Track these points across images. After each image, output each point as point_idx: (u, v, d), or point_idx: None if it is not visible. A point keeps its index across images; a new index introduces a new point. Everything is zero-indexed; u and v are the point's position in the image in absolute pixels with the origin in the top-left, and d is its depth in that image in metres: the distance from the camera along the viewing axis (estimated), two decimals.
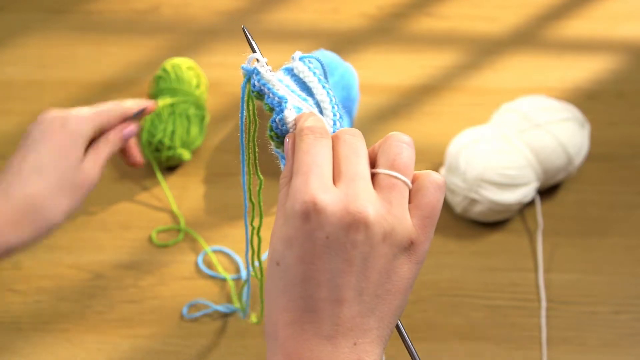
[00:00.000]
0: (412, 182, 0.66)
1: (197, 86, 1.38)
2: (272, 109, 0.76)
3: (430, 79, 1.50)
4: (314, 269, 0.62)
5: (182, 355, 1.19)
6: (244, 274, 1.26)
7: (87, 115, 1.00)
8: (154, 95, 1.38)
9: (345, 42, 1.56)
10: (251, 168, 0.85)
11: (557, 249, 1.28)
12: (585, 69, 1.51)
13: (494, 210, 1.27)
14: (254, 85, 0.78)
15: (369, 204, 0.62)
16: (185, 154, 1.34)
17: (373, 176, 0.65)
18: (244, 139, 0.83)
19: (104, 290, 1.25)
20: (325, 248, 0.61)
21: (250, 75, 0.78)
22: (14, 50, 1.56)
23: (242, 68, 0.78)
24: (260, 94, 0.78)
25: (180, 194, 1.35)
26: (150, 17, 1.60)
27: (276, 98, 0.76)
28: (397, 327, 0.68)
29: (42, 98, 1.48)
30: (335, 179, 0.64)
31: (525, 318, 1.22)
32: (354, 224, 0.61)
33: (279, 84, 0.77)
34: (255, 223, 0.91)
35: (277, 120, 0.75)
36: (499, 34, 1.58)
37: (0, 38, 1.59)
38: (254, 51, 0.80)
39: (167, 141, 1.32)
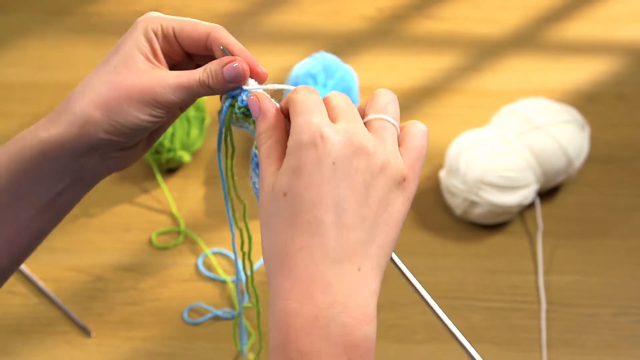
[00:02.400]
0: (401, 128, 0.73)
1: None
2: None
3: (430, 81, 1.50)
4: (322, 194, 0.66)
5: (182, 358, 1.19)
6: (243, 276, 1.25)
7: (159, 16, 0.82)
8: None
9: (345, 44, 1.56)
10: (232, 194, 0.85)
11: (557, 251, 1.28)
12: (585, 71, 1.51)
13: (494, 213, 1.27)
14: (243, 101, 0.77)
15: (368, 137, 0.68)
16: (185, 156, 1.34)
17: (365, 123, 0.70)
18: (222, 166, 0.84)
19: (103, 292, 1.25)
20: (332, 173, 0.66)
21: (235, 95, 0.77)
22: (13, 52, 1.56)
23: (228, 94, 0.78)
24: (248, 110, 0.77)
25: (180, 196, 1.35)
26: None
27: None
28: (393, 260, 0.73)
29: (42, 100, 1.48)
30: (332, 122, 0.69)
31: (525, 320, 1.21)
32: (357, 152, 0.67)
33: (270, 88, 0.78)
34: (245, 248, 0.92)
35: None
36: (499, 36, 1.58)
37: (1, 40, 1.59)
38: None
39: (167, 143, 1.32)
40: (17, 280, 1.25)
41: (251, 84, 0.78)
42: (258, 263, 1.27)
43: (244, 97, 0.77)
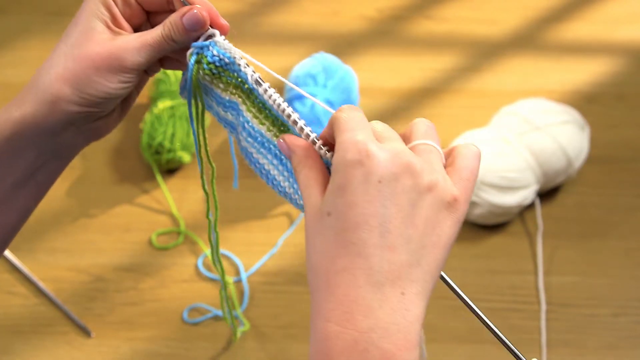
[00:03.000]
0: (448, 154, 0.71)
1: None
2: (237, 80, 0.76)
3: (430, 81, 1.50)
4: (366, 213, 0.64)
5: (181, 358, 1.19)
6: (244, 276, 1.25)
7: None
8: (154, 98, 1.38)
9: (345, 45, 1.56)
10: (203, 155, 0.84)
11: (557, 252, 1.28)
12: (585, 72, 1.51)
13: (494, 213, 1.27)
14: (212, 56, 0.76)
15: (414, 156, 0.66)
16: (185, 157, 1.34)
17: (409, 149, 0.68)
18: (194, 126, 0.84)
19: (103, 292, 1.25)
20: (377, 192, 0.64)
21: (202, 48, 0.76)
22: (14, 52, 1.56)
23: (193, 45, 0.77)
24: (216, 67, 0.76)
25: (180, 197, 1.35)
26: None
27: (239, 64, 0.75)
28: (442, 277, 0.73)
29: None
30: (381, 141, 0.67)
31: (525, 321, 1.21)
32: (404, 170, 0.65)
33: (239, 51, 0.76)
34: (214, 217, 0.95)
35: (230, 56, 0.75)
36: (499, 36, 1.58)
37: (1, 41, 1.59)
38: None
39: (167, 144, 1.32)
40: (17, 280, 1.26)
41: (218, 38, 0.77)
42: (258, 264, 1.27)
43: (214, 52, 0.76)
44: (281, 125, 0.75)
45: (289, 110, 0.74)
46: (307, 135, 0.72)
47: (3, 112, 0.77)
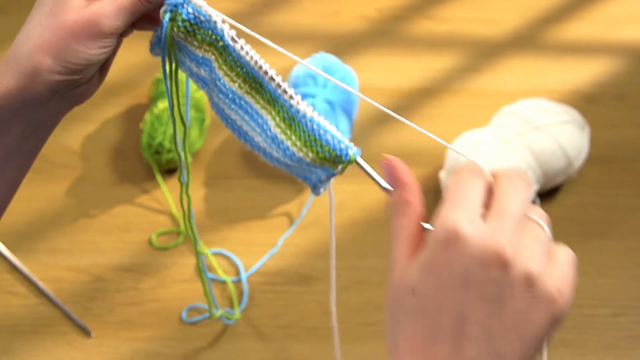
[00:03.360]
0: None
1: (197, 89, 1.38)
2: (211, 38, 0.77)
3: (430, 81, 1.51)
4: (448, 300, 0.60)
5: (181, 358, 1.19)
6: (244, 276, 1.26)
7: None
8: (154, 98, 1.38)
9: (345, 45, 1.56)
10: (176, 114, 0.85)
11: None
12: (585, 72, 1.51)
13: None
14: (187, 14, 0.77)
15: (513, 243, 0.60)
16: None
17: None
18: (168, 84, 0.83)
19: (103, 292, 1.25)
20: (461, 280, 0.60)
21: (176, 5, 0.77)
22: None
23: (167, 3, 0.77)
24: (190, 25, 0.77)
25: (180, 197, 1.35)
26: None
27: (215, 21, 0.77)
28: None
29: None
30: (486, 215, 0.62)
31: None
32: (493, 260, 0.59)
33: (213, 9, 0.78)
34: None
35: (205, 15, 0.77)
36: (499, 36, 1.58)
37: (2, 41, 1.59)
38: None
39: (167, 144, 1.32)
40: (17, 280, 1.26)
41: None
42: (258, 264, 1.27)
43: (189, 10, 0.77)
44: (253, 82, 0.77)
45: (266, 67, 0.76)
46: (285, 92, 0.75)
47: None
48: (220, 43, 0.77)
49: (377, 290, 1.24)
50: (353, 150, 0.75)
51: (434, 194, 1.33)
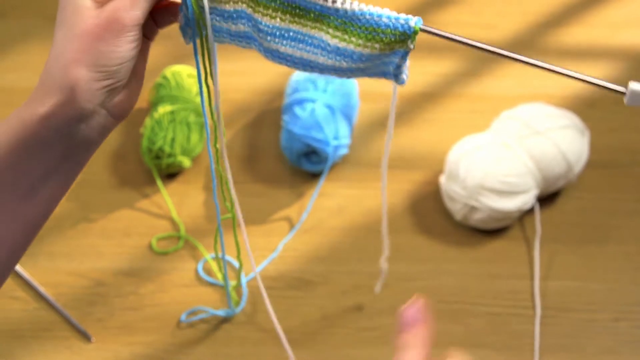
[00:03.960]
0: None
1: (198, 94, 1.38)
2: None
3: (430, 86, 1.51)
4: None
5: None
6: (244, 281, 1.26)
7: None
8: (154, 103, 1.38)
9: None
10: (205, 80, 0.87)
11: (557, 256, 1.28)
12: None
13: (494, 218, 1.27)
14: None
15: None
16: (186, 161, 1.35)
17: None
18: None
19: (104, 297, 1.25)
20: None
21: None
22: (15, 57, 1.57)
23: None
24: None
25: (180, 201, 1.35)
26: None
27: None
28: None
29: None
30: None
31: (524, 325, 1.22)
32: None
33: None
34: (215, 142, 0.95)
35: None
36: (499, 41, 1.58)
37: (2, 45, 1.59)
38: None
39: (167, 148, 1.32)
40: (17, 285, 1.26)
41: None
42: (258, 269, 1.27)
43: None
44: (291, 9, 0.77)
45: None
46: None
47: (24, 109, 0.77)
48: None
49: (377, 295, 1.24)
50: (414, 21, 0.76)
51: (433, 199, 1.33)
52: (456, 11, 1.62)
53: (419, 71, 1.53)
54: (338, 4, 0.76)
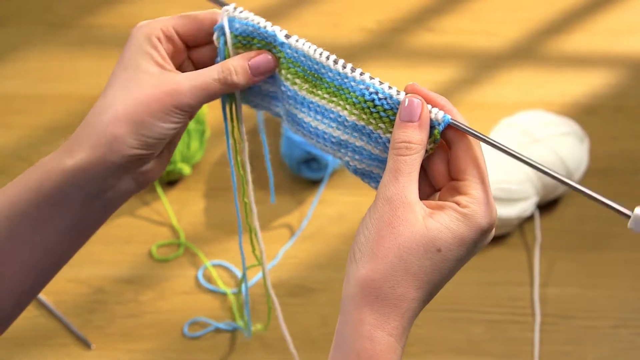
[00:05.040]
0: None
1: None
2: (266, 46, 0.79)
3: None
4: (457, 269, 0.73)
5: None
6: (244, 287, 1.25)
7: (153, 21, 0.82)
8: None
9: (345, 57, 1.54)
10: (234, 129, 0.87)
11: (557, 263, 1.28)
12: (585, 84, 1.51)
13: None
14: (237, 29, 0.78)
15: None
16: (186, 169, 1.35)
17: None
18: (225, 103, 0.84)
19: (104, 304, 1.25)
20: (472, 256, 0.74)
21: (225, 25, 0.78)
22: (14, 64, 1.57)
23: (216, 28, 0.78)
24: (244, 37, 0.78)
25: (180, 209, 1.35)
26: None
27: (264, 26, 0.79)
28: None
29: (42, 112, 1.48)
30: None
31: (523, 332, 1.21)
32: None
33: (257, 17, 0.79)
34: (245, 196, 0.97)
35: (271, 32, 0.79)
36: (499, 48, 1.58)
37: (1, 52, 1.59)
38: (221, 4, 0.80)
39: None
40: None
41: (234, 12, 0.79)
42: (258, 275, 1.27)
43: (236, 25, 0.78)
44: (312, 78, 0.77)
45: (326, 52, 0.79)
46: (352, 70, 0.78)
47: (51, 160, 0.76)
48: (275, 47, 0.78)
49: None
50: (441, 114, 0.75)
51: None
52: (456, 18, 1.63)
53: (418, 79, 1.51)
54: (366, 76, 0.78)
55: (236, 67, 0.78)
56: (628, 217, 0.75)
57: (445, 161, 0.76)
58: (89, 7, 1.66)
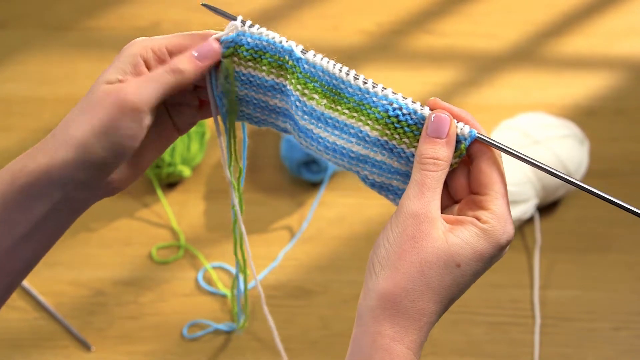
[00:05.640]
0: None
1: None
2: (278, 60, 0.76)
3: (429, 95, 1.49)
4: (473, 282, 0.74)
5: None
6: (239, 284, 1.25)
7: (145, 40, 0.83)
8: None
9: (345, 59, 1.54)
10: (232, 157, 0.85)
11: (557, 265, 1.28)
12: (584, 86, 1.51)
13: None
14: (249, 42, 0.76)
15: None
16: (186, 171, 1.35)
17: None
18: (227, 128, 0.82)
19: (104, 306, 1.25)
20: (487, 269, 0.75)
21: (234, 42, 0.76)
22: (14, 66, 1.57)
23: (224, 40, 0.76)
24: (256, 51, 0.76)
25: (180, 211, 1.35)
26: (150, 33, 1.59)
27: (280, 41, 0.76)
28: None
29: (42, 114, 1.48)
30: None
31: (524, 334, 1.21)
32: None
33: (271, 32, 0.77)
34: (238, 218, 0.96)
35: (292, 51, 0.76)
36: (498, 50, 1.58)
37: (1, 55, 1.59)
38: (231, 18, 0.78)
39: (167, 158, 1.32)
40: (17, 294, 1.26)
41: (246, 27, 0.77)
42: (258, 277, 1.27)
43: (248, 40, 0.76)
44: (330, 93, 0.76)
45: (345, 68, 0.77)
46: (374, 85, 0.75)
47: (17, 163, 0.76)
48: (290, 62, 0.77)
49: None
50: (467, 129, 0.75)
51: None
52: (456, 20, 1.63)
53: (418, 81, 1.53)
54: (389, 91, 0.76)
55: (182, 57, 0.77)
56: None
57: (466, 174, 0.77)
58: (88, 9, 1.66)
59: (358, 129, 0.76)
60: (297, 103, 0.77)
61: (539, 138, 1.29)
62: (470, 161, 0.76)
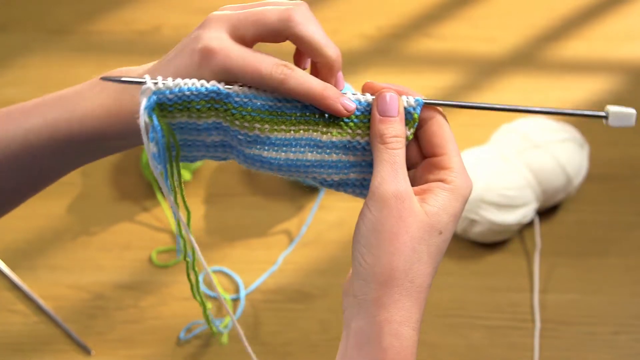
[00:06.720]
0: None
1: None
2: (206, 104, 0.74)
3: (430, 99, 1.51)
4: (449, 241, 0.76)
5: None
6: (242, 294, 1.25)
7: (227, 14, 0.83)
8: None
9: (345, 63, 1.54)
10: (178, 200, 0.82)
11: (557, 269, 1.28)
12: (584, 90, 1.51)
13: (494, 231, 1.27)
14: (169, 100, 0.73)
15: None
16: (186, 175, 1.35)
17: None
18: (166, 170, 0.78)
19: (104, 310, 1.25)
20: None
21: (153, 105, 0.72)
22: (15, 70, 1.57)
23: (145, 108, 0.72)
24: (180, 104, 0.73)
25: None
26: (150, 37, 1.61)
27: (202, 85, 0.74)
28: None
29: None
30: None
31: (524, 338, 1.21)
32: None
33: (187, 79, 0.74)
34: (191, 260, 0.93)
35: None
36: (498, 54, 1.58)
37: (1, 59, 1.59)
38: (138, 83, 0.74)
39: None
40: (17, 298, 1.26)
41: (153, 85, 0.73)
42: (258, 281, 1.27)
43: (168, 96, 0.73)
44: (269, 116, 0.75)
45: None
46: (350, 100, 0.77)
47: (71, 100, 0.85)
48: (219, 101, 0.74)
49: None
50: (412, 100, 0.77)
51: None
52: (456, 24, 1.63)
53: (418, 85, 1.53)
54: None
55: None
56: (603, 117, 0.81)
57: (414, 141, 0.78)
58: (89, 13, 1.66)
59: (309, 138, 0.76)
60: (239, 137, 0.75)
61: (538, 142, 1.29)
62: (418, 127, 0.78)
